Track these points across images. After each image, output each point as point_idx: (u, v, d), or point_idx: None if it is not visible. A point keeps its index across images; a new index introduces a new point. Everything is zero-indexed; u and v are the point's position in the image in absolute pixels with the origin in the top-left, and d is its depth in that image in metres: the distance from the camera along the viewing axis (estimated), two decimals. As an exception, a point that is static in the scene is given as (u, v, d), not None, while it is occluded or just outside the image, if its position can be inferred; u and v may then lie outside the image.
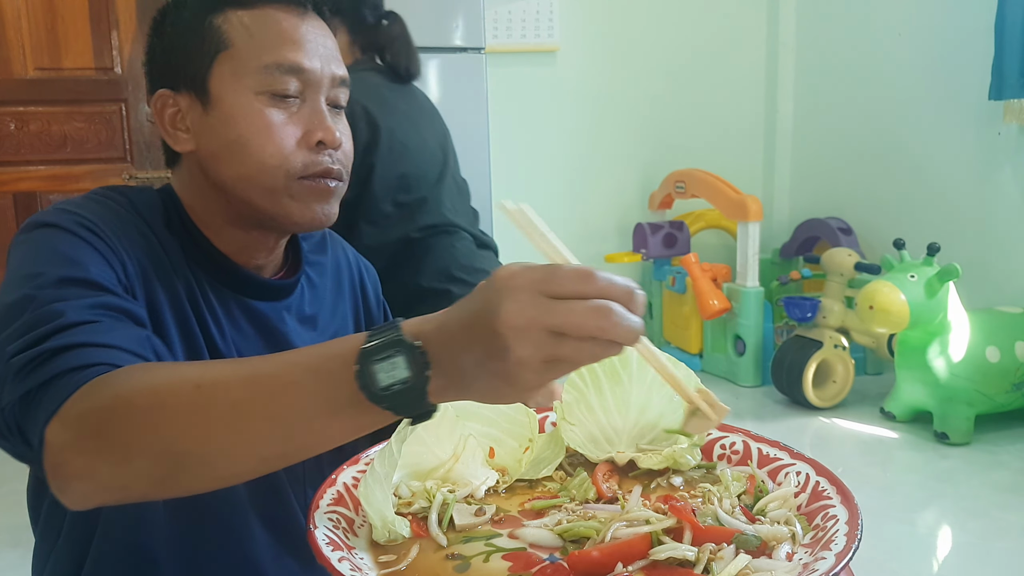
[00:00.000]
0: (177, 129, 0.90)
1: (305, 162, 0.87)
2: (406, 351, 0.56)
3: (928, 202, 3.45)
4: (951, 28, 3.30)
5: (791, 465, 0.80)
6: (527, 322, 0.53)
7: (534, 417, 0.90)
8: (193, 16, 0.88)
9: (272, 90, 0.86)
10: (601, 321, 0.53)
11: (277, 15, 0.88)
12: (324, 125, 0.88)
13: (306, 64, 0.87)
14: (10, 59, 2.66)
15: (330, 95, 0.91)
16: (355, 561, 0.66)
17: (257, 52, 0.86)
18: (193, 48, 0.87)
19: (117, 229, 0.83)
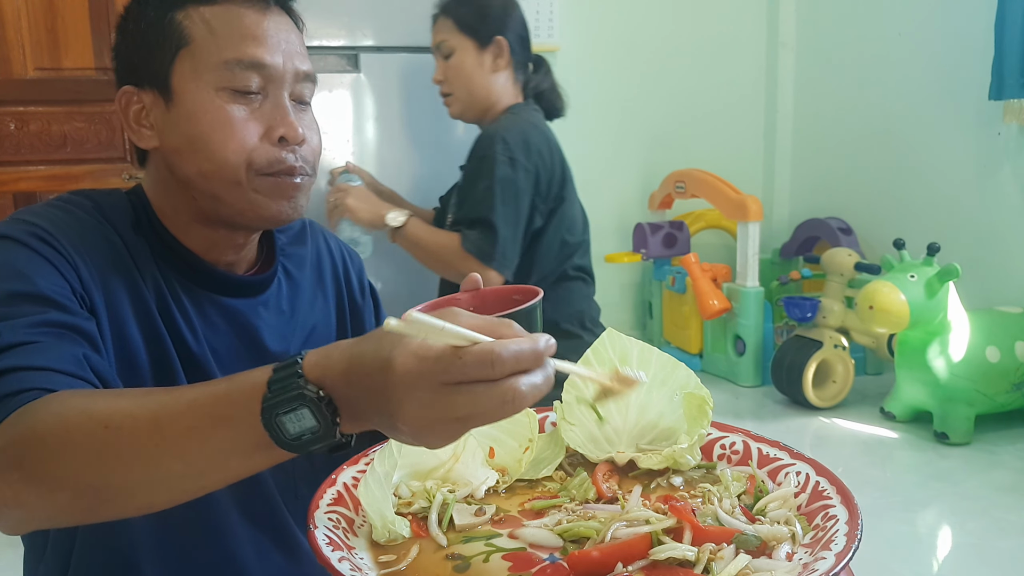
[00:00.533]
0: (141, 126, 0.90)
1: (268, 159, 0.87)
2: (311, 404, 0.56)
3: (928, 202, 3.46)
4: (951, 28, 3.30)
5: (791, 465, 0.80)
6: (431, 420, 0.54)
7: (534, 417, 0.90)
8: (156, 12, 0.87)
9: (233, 86, 0.86)
10: (507, 408, 0.53)
11: (239, 10, 0.87)
12: (286, 121, 0.88)
13: (267, 59, 0.87)
14: (10, 59, 2.66)
15: (294, 90, 0.90)
16: (355, 561, 0.66)
17: (218, 48, 0.86)
18: (155, 44, 0.87)
19: (75, 237, 0.83)
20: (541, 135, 1.88)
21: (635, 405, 0.88)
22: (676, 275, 3.69)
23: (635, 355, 0.89)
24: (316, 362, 0.57)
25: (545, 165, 1.84)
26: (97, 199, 0.90)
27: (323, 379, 0.57)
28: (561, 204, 1.91)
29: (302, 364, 0.57)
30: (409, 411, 0.53)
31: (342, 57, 2.92)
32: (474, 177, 1.83)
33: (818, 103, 4.06)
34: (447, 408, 0.53)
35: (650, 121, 4.02)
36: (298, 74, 0.90)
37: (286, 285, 1.02)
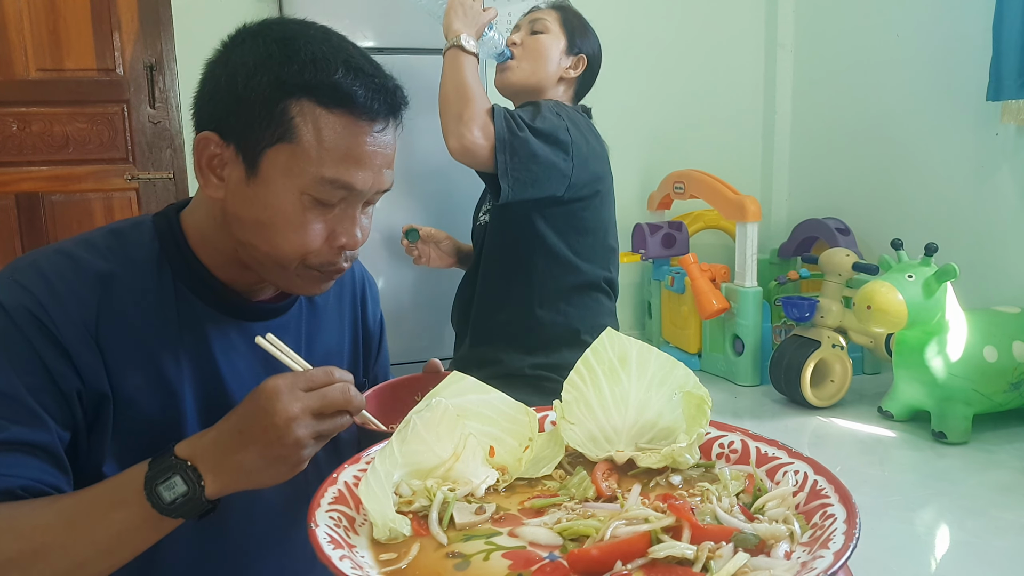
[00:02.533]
0: (212, 173, 0.88)
1: (322, 260, 0.90)
2: (179, 471, 0.75)
3: (926, 202, 3.46)
4: (949, 29, 3.30)
5: (789, 464, 0.80)
6: (298, 411, 0.75)
7: (534, 416, 0.91)
8: (271, 90, 0.84)
9: (318, 197, 0.86)
10: (345, 396, 0.79)
11: (351, 125, 0.85)
12: (350, 232, 0.90)
13: (359, 183, 0.87)
14: (12, 60, 2.66)
15: (369, 198, 0.92)
16: (356, 559, 0.66)
17: (319, 160, 0.85)
18: (259, 120, 0.84)
19: (73, 301, 0.84)
20: (590, 128, 1.92)
21: (634, 404, 0.89)
22: (675, 275, 3.69)
23: (634, 355, 0.89)
24: (184, 445, 0.77)
25: (590, 147, 1.85)
26: (122, 238, 0.91)
27: (191, 454, 0.76)
28: (604, 198, 1.92)
29: (174, 447, 0.77)
30: (282, 407, 0.75)
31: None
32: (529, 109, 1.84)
33: (816, 104, 4.07)
34: (308, 400, 0.76)
35: (649, 122, 4.03)
36: (380, 190, 0.91)
37: (306, 309, 1.04)
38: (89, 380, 0.84)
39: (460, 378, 0.88)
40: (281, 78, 0.84)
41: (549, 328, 1.87)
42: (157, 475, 0.76)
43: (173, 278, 0.91)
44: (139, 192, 2.85)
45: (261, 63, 0.84)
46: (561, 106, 1.87)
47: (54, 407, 0.82)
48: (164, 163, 2.87)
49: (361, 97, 0.85)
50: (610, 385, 0.89)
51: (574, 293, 1.88)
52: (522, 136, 1.73)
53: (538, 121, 1.76)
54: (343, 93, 0.84)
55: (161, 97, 2.85)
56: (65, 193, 2.79)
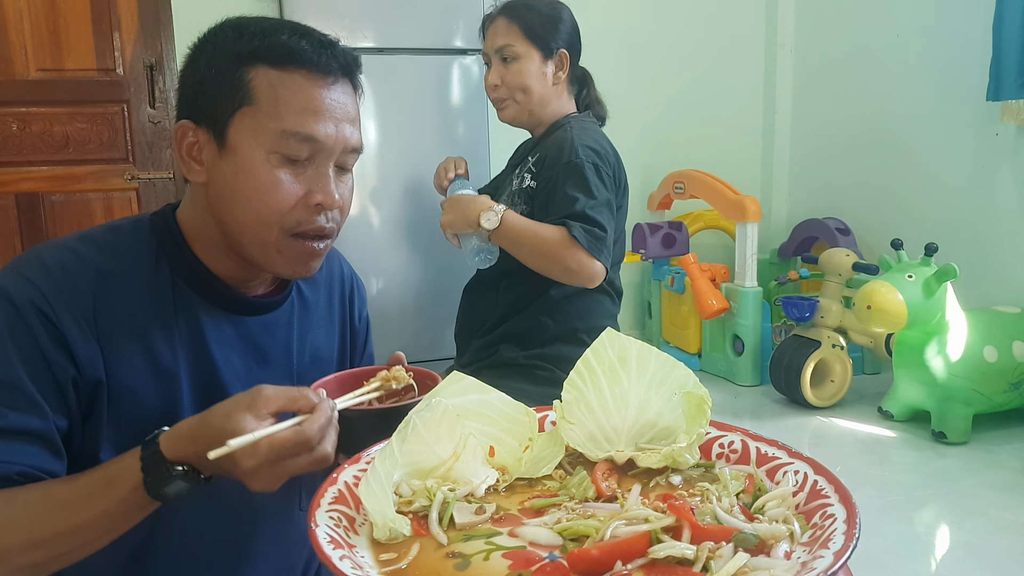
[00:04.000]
0: (193, 160, 0.93)
1: (299, 219, 0.92)
2: (180, 476, 0.77)
3: (926, 202, 3.46)
4: (949, 29, 3.30)
5: (789, 464, 0.80)
6: (267, 487, 0.77)
7: (534, 416, 0.91)
8: (228, 62, 0.90)
9: (284, 153, 0.90)
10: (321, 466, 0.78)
11: (305, 80, 0.90)
12: (326, 189, 0.92)
13: (321, 135, 0.90)
14: (12, 60, 2.66)
15: (339, 161, 0.94)
16: (356, 559, 0.66)
17: (279, 116, 0.89)
18: (220, 93, 0.90)
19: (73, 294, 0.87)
20: (609, 144, 1.90)
21: (634, 404, 0.89)
22: (675, 275, 3.69)
23: (634, 355, 0.89)
24: (168, 443, 0.78)
25: (616, 173, 1.87)
26: (119, 236, 0.94)
27: (179, 455, 0.78)
28: (623, 209, 1.93)
29: (160, 448, 0.78)
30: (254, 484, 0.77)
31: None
32: (559, 181, 1.81)
33: (816, 104, 4.07)
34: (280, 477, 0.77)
35: (649, 122, 4.03)
36: (347, 147, 0.94)
37: (298, 305, 1.07)
38: (85, 369, 0.86)
39: (460, 378, 0.88)
40: (235, 51, 0.90)
41: (550, 328, 1.88)
42: (159, 482, 0.78)
43: (170, 272, 0.94)
44: (139, 192, 2.85)
45: (218, 46, 0.91)
46: (588, 146, 1.83)
47: (51, 395, 0.85)
48: (164, 163, 2.87)
49: (309, 52, 0.90)
50: (610, 385, 0.89)
51: (578, 296, 1.88)
52: (605, 228, 1.78)
53: (596, 198, 1.78)
54: (292, 50, 0.90)
55: (161, 97, 2.85)
56: (65, 193, 2.79)
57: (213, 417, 0.77)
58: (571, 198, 1.78)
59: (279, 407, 0.77)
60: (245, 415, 0.75)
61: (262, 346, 1.01)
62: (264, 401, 0.76)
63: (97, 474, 0.81)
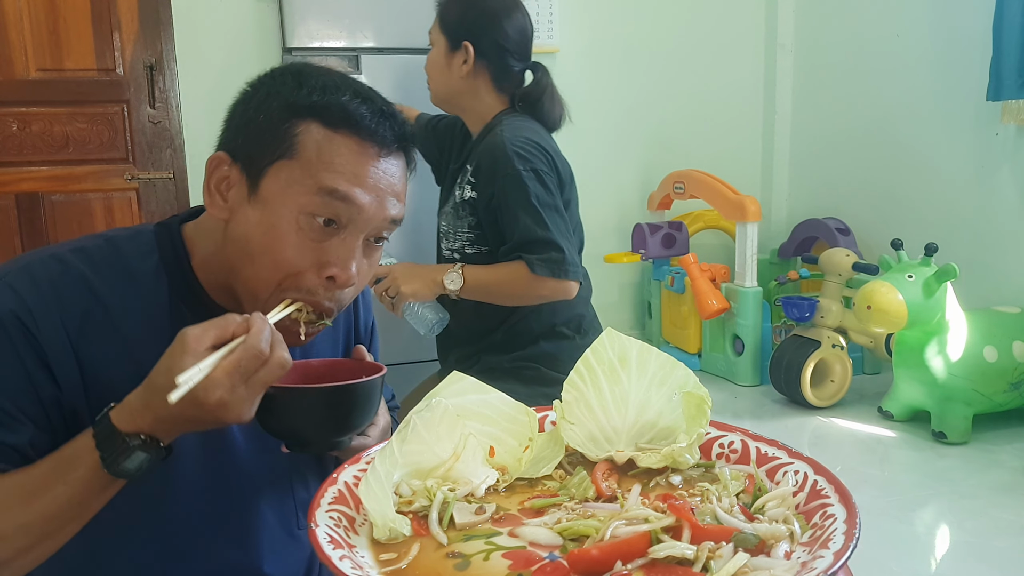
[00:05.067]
0: (219, 193, 0.89)
1: (304, 286, 0.86)
2: (138, 447, 0.75)
3: (926, 202, 3.46)
4: (949, 29, 3.30)
5: (789, 464, 0.81)
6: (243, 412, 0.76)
7: (534, 416, 0.91)
8: (280, 111, 0.86)
9: (317, 212, 0.84)
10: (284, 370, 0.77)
11: (357, 145, 0.85)
12: (344, 264, 0.86)
13: (360, 200, 0.85)
14: (12, 60, 2.66)
15: (374, 233, 0.89)
16: (356, 559, 0.66)
17: (319, 173, 0.84)
18: (265, 139, 0.85)
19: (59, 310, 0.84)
20: (543, 138, 1.87)
21: (634, 404, 0.89)
22: (675, 275, 3.69)
23: (634, 355, 0.89)
24: (120, 416, 0.76)
25: (555, 167, 1.84)
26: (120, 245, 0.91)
27: (136, 425, 0.76)
28: (572, 199, 1.91)
29: (113, 423, 0.76)
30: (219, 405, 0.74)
31: (343, 58, 2.92)
32: (504, 198, 1.80)
33: (816, 104, 4.07)
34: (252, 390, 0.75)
35: (649, 122, 4.03)
36: (385, 220, 0.88)
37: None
38: (66, 392, 0.84)
39: (460, 378, 0.88)
40: (290, 100, 0.85)
41: (529, 329, 1.89)
42: (117, 457, 0.75)
43: (169, 292, 0.91)
44: (139, 192, 2.85)
45: (274, 90, 0.87)
46: (520, 152, 1.79)
47: (32, 410, 0.83)
48: (164, 163, 2.87)
49: (367, 120, 0.85)
50: (610, 385, 0.89)
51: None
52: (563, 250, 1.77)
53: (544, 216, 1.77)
54: (349, 115, 0.85)
55: (161, 97, 2.85)
56: (65, 193, 2.79)
57: (156, 377, 0.75)
58: (521, 224, 1.77)
59: (213, 340, 0.75)
60: (184, 358, 0.73)
61: None
62: (194, 340, 0.74)
63: (52, 461, 0.79)
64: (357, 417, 0.89)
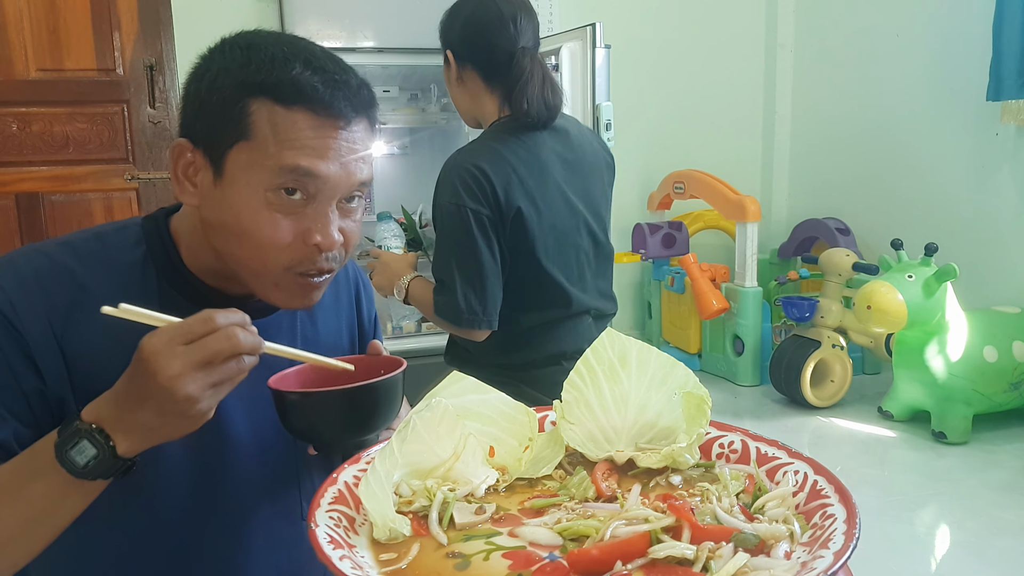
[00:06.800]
0: (187, 180, 0.88)
1: (296, 258, 0.86)
2: (86, 435, 0.74)
3: (926, 202, 3.46)
4: (949, 29, 3.30)
5: (789, 464, 0.80)
6: (180, 368, 0.71)
7: (534, 416, 0.91)
8: (230, 90, 0.83)
9: (282, 187, 0.84)
10: (231, 342, 0.73)
11: (312, 120, 0.83)
12: (325, 230, 0.86)
13: (322, 171, 0.84)
14: (12, 60, 2.66)
15: (345, 195, 0.88)
16: (356, 559, 0.66)
17: (277, 151, 0.83)
18: (220, 122, 0.84)
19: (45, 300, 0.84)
20: (494, 160, 1.68)
21: (634, 404, 0.89)
22: (675, 275, 3.69)
23: (634, 355, 0.89)
24: (89, 408, 0.76)
25: (495, 201, 1.67)
26: (107, 241, 0.90)
27: (96, 416, 0.75)
28: (523, 242, 1.70)
29: (80, 412, 0.75)
30: (162, 367, 0.71)
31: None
32: (436, 225, 1.74)
33: (816, 104, 4.07)
34: (188, 355, 0.71)
35: (649, 122, 4.03)
36: (352, 184, 0.88)
37: (301, 310, 1.02)
38: (51, 385, 0.84)
39: (460, 378, 0.88)
40: (240, 79, 0.83)
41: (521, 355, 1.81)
42: (66, 441, 0.74)
43: (158, 280, 0.90)
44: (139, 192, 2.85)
45: (224, 68, 0.85)
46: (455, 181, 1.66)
47: (15, 405, 0.82)
48: (164, 163, 2.87)
49: (321, 92, 0.83)
50: (610, 385, 0.89)
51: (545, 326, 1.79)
52: (457, 299, 1.68)
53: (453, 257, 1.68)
54: (301, 89, 0.83)
55: (161, 97, 2.85)
56: (65, 193, 2.79)
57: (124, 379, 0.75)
58: (436, 261, 1.73)
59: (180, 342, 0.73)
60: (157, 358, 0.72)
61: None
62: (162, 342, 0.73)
63: (19, 460, 0.78)
64: (381, 415, 0.89)
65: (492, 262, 1.68)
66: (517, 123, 1.73)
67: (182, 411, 0.72)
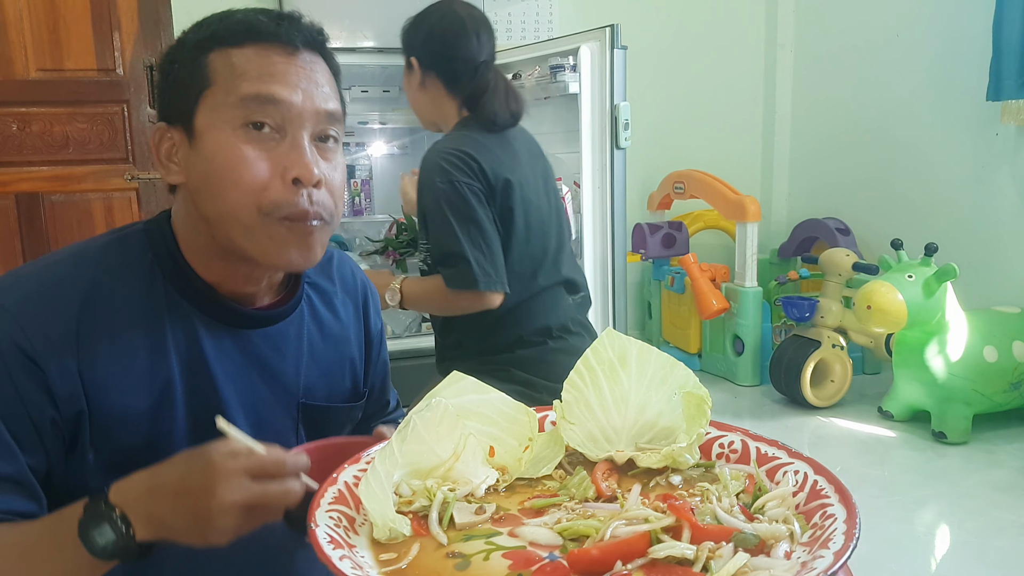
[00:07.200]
0: (171, 162, 0.89)
1: (279, 200, 0.85)
2: (108, 519, 0.74)
3: (926, 202, 3.46)
4: (949, 29, 3.30)
5: (789, 464, 0.80)
6: (237, 499, 0.71)
7: (534, 416, 0.91)
8: (189, 53, 0.87)
9: (249, 120, 0.84)
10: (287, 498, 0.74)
11: (266, 52, 0.86)
12: (301, 161, 0.85)
13: (283, 96, 0.85)
14: (12, 60, 2.66)
15: (317, 130, 0.88)
16: (356, 559, 0.66)
17: (237, 86, 0.85)
18: (185, 84, 0.87)
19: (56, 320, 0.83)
20: (477, 146, 1.80)
21: (634, 404, 0.89)
22: (675, 275, 3.69)
23: (634, 355, 0.89)
24: (118, 488, 0.76)
25: (483, 175, 1.78)
26: (101, 255, 0.89)
27: (124, 500, 0.75)
28: (507, 208, 1.82)
29: (108, 491, 0.75)
30: (223, 493, 0.70)
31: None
32: (427, 212, 1.81)
33: (816, 104, 4.07)
34: (249, 495, 0.72)
35: (649, 122, 4.03)
36: (320, 113, 0.87)
37: (309, 317, 1.01)
38: (64, 405, 0.83)
39: (460, 378, 0.88)
40: (195, 41, 0.88)
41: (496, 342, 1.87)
42: (89, 520, 0.74)
43: (164, 285, 0.90)
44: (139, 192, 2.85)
45: (181, 41, 0.90)
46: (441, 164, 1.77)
47: (25, 436, 0.81)
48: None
49: (267, 25, 0.87)
50: (610, 385, 0.89)
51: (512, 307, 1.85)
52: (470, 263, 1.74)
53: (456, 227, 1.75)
54: (248, 27, 0.87)
55: (161, 97, 2.85)
56: (65, 193, 2.78)
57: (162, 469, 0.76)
58: (436, 238, 1.79)
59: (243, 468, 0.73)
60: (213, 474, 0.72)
61: (267, 361, 0.95)
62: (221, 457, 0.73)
63: (50, 521, 0.78)
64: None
65: (492, 229, 1.78)
66: (482, 125, 1.85)
67: (210, 533, 0.72)
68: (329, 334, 1.03)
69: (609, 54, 2.69)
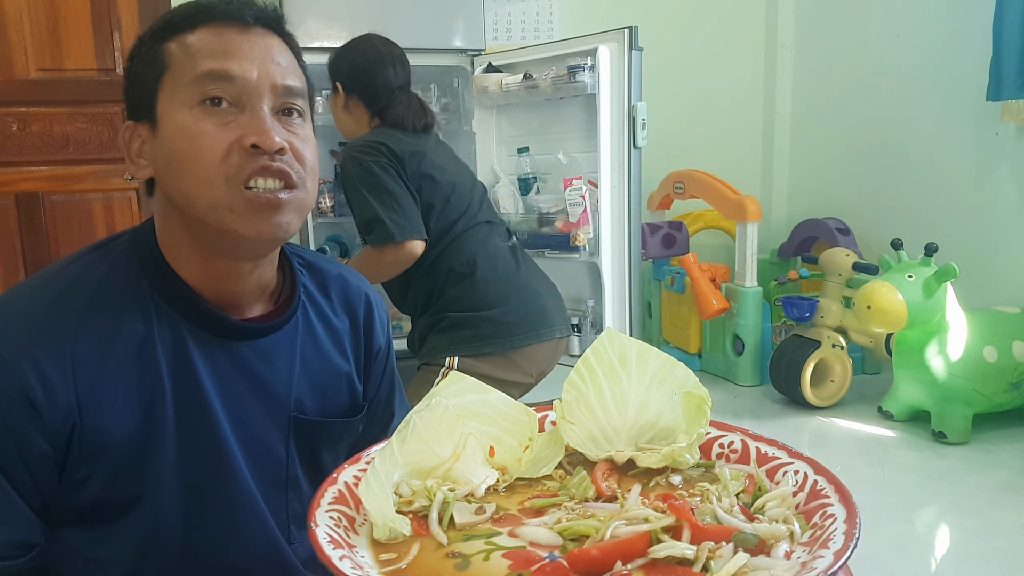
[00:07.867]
0: (140, 157, 0.90)
1: (239, 164, 0.83)
2: None
3: (926, 202, 3.46)
4: (949, 29, 3.30)
5: (789, 464, 0.80)
6: None
7: (534, 416, 0.91)
8: (148, 47, 0.88)
9: (206, 97, 0.84)
10: None
11: (219, 30, 0.87)
12: (261, 129, 0.84)
13: (236, 70, 0.85)
14: (12, 60, 2.66)
15: (278, 103, 0.88)
16: (356, 559, 0.66)
17: (192, 66, 0.85)
18: (145, 76, 0.88)
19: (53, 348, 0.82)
20: (385, 136, 2.10)
21: (634, 404, 0.89)
22: (675, 275, 3.69)
23: (634, 355, 0.89)
24: None
25: (388, 151, 2.05)
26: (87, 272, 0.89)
27: None
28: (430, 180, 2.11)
29: None
30: None
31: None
32: (348, 196, 2.10)
33: (816, 104, 4.07)
34: None
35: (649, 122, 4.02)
36: (277, 87, 0.87)
37: (303, 330, 0.99)
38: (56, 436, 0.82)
39: (460, 378, 0.88)
40: (152, 33, 0.89)
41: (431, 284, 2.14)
42: None
43: (152, 295, 0.89)
44: (139, 192, 2.85)
45: (138, 40, 0.91)
46: (352, 155, 2.06)
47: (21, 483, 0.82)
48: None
49: (217, 5, 0.88)
50: (610, 385, 0.89)
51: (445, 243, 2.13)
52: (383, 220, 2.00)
53: (367, 195, 2.03)
54: (200, 10, 0.88)
55: (161, 97, 2.85)
56: (65, 193, 2.79)
57: None
58: (353, 214, 2.09)
59: None
60: None
61: (258, 374, 0.93)
62: None
63: None
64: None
65: (401, 188, 2.04)
66: (393, 127, 2.16)
67: None
68: (324, 348, 1.01)
69: (627, 55, 2.77)
